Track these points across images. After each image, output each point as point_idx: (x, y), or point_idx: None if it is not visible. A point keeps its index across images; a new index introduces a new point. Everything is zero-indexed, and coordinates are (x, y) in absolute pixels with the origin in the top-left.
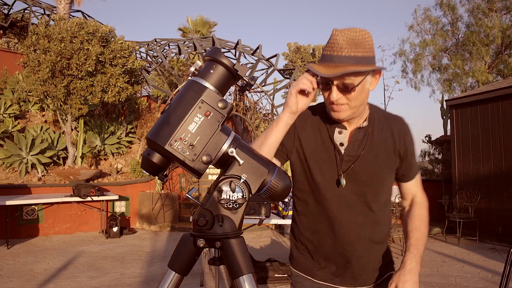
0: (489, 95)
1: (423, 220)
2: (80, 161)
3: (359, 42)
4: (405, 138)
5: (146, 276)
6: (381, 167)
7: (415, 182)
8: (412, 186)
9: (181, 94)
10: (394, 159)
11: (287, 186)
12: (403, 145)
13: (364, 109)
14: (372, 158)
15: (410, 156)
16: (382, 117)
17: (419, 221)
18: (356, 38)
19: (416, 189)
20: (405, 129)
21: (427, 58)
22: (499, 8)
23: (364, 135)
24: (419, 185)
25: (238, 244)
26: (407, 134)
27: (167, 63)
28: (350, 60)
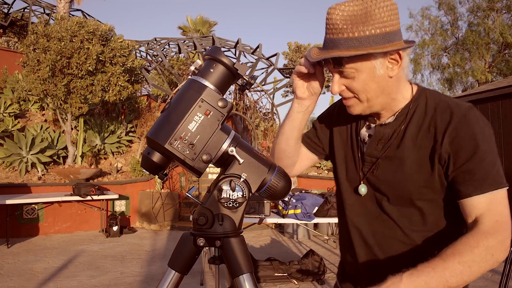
0: (489, 94)
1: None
2: (80, 160)
3: (362, 18)
4: (456, 133)
5: (146, 275)
6: (407, 176)
7: (483, 201)
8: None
9: (181, 93)
10: (432, 166)
11: (287, 185)
12: (449, 144)
13: (393, 99)
14: (397, 163)
15: (466, 159)
16: (432, 108)
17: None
18: (357, 13)
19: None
20: (458, 121)
21: (426, 58)
22: (499, 8)
23: (393, 132)
24: (494, 209)
25: (238, 243)
26: (461, 128)
27: (167, 62)
28: (346, 44)
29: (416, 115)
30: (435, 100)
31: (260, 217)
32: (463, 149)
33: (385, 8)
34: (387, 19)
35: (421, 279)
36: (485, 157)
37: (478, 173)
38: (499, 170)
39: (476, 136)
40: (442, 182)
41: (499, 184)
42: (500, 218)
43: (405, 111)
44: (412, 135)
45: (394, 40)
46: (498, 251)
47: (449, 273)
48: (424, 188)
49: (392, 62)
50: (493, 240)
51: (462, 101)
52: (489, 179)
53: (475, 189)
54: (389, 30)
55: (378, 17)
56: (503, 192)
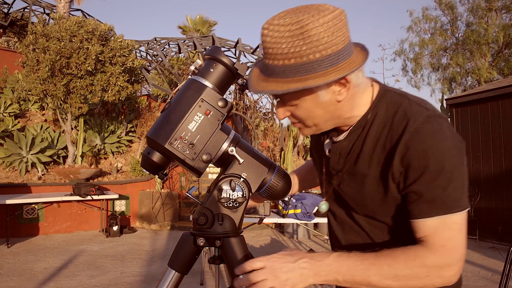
0: (489, 94)
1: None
2: (80, 160)
3: (299, 39)
4: (406, 149)
5: (146, 275)
6: (367, 194)
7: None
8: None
9: (181, 93)
10: (388, 184)
11: (286, 185)
12: (400, 161)
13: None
14: (357, 180)
15: (414, 179)
16: (391, 117)
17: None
18: (293, 33)
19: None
20: (410, 136)
21: (426, 57)
22: (498, 8)
23: (351, 146)
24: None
25: (238, 243)
26: (411, 143)
27: (167, 62)
28: (282, 73)
29: (374, 126)
30: (394, 108)
31: (260, 217)
32: (412, 168)
33: (325, 26)
34: (327, 39)
35: (346, 263)
36: (437, 177)
37: (426, 196)
38: (454, 191)
39: (426, 154)
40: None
41: (450, 208)
42: (447, 244)
43: (363, 122)
44: (369, 150)
45: (339, 62)
46: (435, 275)
47: (374, 269)
48: (385, 207)
49: (339, 86)
50: (433, 261)
51: (422, 106)
52: (437, 202)
53: (421, 212)
54: (331, 52)
55: (316, 38)
56: (456, 217)
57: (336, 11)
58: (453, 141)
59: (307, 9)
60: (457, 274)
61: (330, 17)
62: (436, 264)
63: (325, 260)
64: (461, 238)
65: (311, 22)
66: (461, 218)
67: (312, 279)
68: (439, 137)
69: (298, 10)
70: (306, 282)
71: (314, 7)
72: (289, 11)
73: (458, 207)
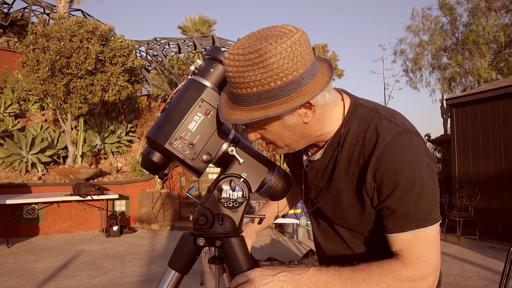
0: (489, 94)
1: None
2: (80, 160)
3: (259, 68)
4: (378, 166)
5: (146, 275)
6: (345, 209)
7: (404, 239)
8: (395, 243)
9: (181, 93)
10: (363, 199)
11: (287, 185)
12: (372, 177)
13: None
14: (335, 195)
15: (387, 195)
16: (363, 133)
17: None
18: (253, 62)
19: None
20: (381, 152)
21: (426, 58)
22: (498, 8)
23: (327, 162)
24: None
25: (238, 243)
26: (382, 160)
27: (167, 62)
28: (245, 100)
29: (347, 142)
30: (366, 123)
31: (260, 217)
32: (384, 184)
33: (283, 53)
34: (288, 66)
35: (324, 277)
36: (406, 194)
37: (398, 211)
38: (424, 206)
39: (396, 170)
40: (375, 214)
41: (423, 222)
42: (421, 257)
43: (336, 138)
44: (344, 165)
45: (302, 86)
46: (410, 287)
47: (351, 284)
48: (364, 221)
49: (304, 108)
50: (407, 274)
51: (393, 122)
52: (409, 217)
53: (395, 227)
54: (292, 78)
55: (276, 66)
56: (430, 230)
57: (296, 35)
58: (422, 156)
59: (267, 36)
60: (432, 286)
61: (288, 43)
62: (410, 277)
63: (304, 274)
64: (435, 250)
65: (269, 51)
66: (434, 231)
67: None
68: (409, 152)
69: (258, 37)
70: None
71: (275, 33)
72: (250, 37)
73: (430, 220)
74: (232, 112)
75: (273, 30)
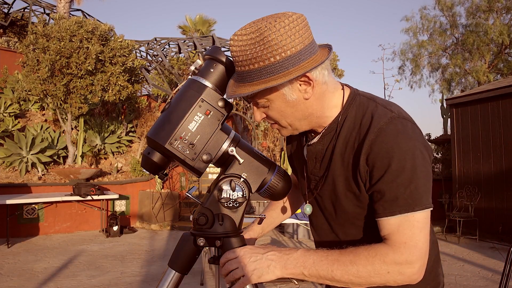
0: (489, 94)
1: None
2: (80, 160)
3: (260, 45)
4: (370, 150)
5: (146, 275)
6: (341, 196)
7: (392, 223)
8: (384, 227)
9: (181, 93)
10: (358, 184)
11: (287, 185)
12: (366, 161)
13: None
14: (331, 182)
15: (378, 178)
16: (359, 119)
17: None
18: (254, 41)
19: (395, 233)
20: (374, 136)
21: (426, 58)
22: (499, 8)
23: (324, 149)
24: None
25: (238, 243)
26: (375, 143)
27: (167, 62)
28: (249, 77)
29: (345, 129)
30: (363, 110)
31: (260, 217)
32: (376, 167)
33: (282, 31)
34: (286, 42)
35: (311, 258)
36: (396, 177)
37: (387, 194)
38: (416, 190)
39: (389, 153)
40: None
41: (412, 207)
42: (408, 241)
43: (334, 125)
44: (341, 152)
45: (300, 62)
46: (396, 271)
47: (338, 265)
48: (358, 208)
49: (303, 85)
50: (393, 258)
51: (388, 108)
52: (399, 201)
53: (384, 211)
54: (290, 54)
55: (275, 42)
56: (419, 216)
57: (294, 15)
58: (416, 142)
59: (268, 18)
60: (419, 272)
61: (286, 22)
62: (396, 261)
63: (292, 254)
64: (423, 237)
65: (268, 29)
66: (424, 217)
67: (279, 271)
68: (402, 137)
69: (259, 20)
70: (273, 274)
71: (275, 16)
72: (252, 22)
73: (420, 205)
74: (236, 89)
75: (276, 14)
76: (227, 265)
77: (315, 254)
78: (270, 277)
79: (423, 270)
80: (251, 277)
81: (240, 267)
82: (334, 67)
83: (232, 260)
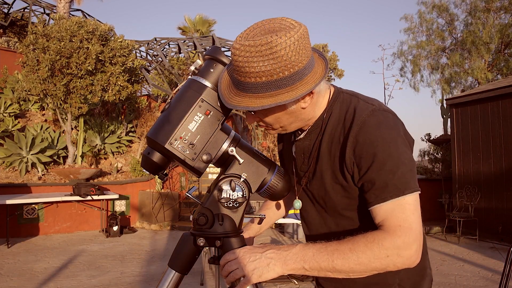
0: (489, 94)
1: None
2: (80, 160)
3: (269, 60)
4: (356, 141)
5: (146, 275)
6: (329, 189)
7: (385, 209)
8: (377, 214)
9: (181, 93)
10: (344, 177)
11: (287, 185)
12: (352, 153)
13: (310, 119)
14: (319, 177)
15: (366, 169)
16: (343, 114)
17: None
18: (263, 53)
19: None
20: (358, 129)
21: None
22: (497, 8)
23: (312, 145)
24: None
25: (238, 243)
26: (359, 135)
27: (167, 62)
28: (253, 89)
29: (330, 124)
30: (346, 106)
31: (260, 217)
32: (362, 158)
33: (292, 47)
34: (295, 58)
35: (311, 251)
36: (383, 165)
37: (377, 182)
38: (403, 175)
39: (373, 143)
40: (357, 192)
41: (402, 191)
42: (403, 224)
43: (319, 122)
44: (327, 146)
45: (305, 76)
46: (395, 254)
47: (338, 254)
48: (346, 199)
49: (306, 97)
50: (390, 241)
51: (369, 103)
52: (389, 187)
53: (376, 199)
54: (297, 69)
55: (285, 58)
56: (409, 199)
57: (301, 29)
58: (399, 131)
59: (274, 28)
60: (416, 254)
61: (296, 37)
62: (394, 244)
63: (291, 249)
64: (416, 218)
65: (279, 44)
66: (414, 200)
67: (280, 268)
68: (384, 127)
69: (264, 30)
70: (273, 272)
71: (281, 27)
72: (255, 29)
73: (409, 189)
74: (240, 99)
75: (277, 23)
76: (227, 266)
77: (313, 247)
78: (271, 275)
79: (420, 252)
80: (252, 276)
81: (240, 267)
82: (334, 67)
83: (232, 261)
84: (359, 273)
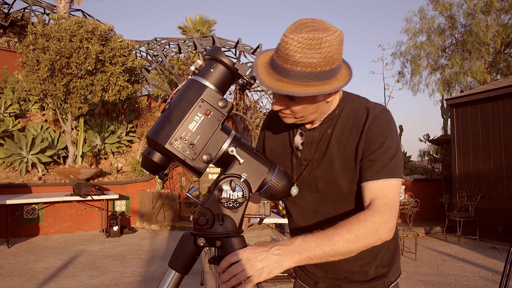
0: (489, 94)
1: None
2: (81, 160)
3: (317, 54)
4: (370, 130)
5: (146, 275)
6: (337, 173)
7: (378, 186)
8: (370, 189)
9: (181, 93)
10: (356, 160)
11: (287, 185)
12: (365, 138)
13: (324, 112)
14: (328, 163)
15: (373, 151)
16: (354, 112)
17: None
18: (313, 47)
19: (379, 195)
20: (372, 120)
21: (425, 59)
22: (497, 9)
23: (321, 136)
24: (385, 193)
25: (239, 243)
26: (373, 126)
27: (167, 62)
28: (297, 76)
29: (341, 119)
30: (356, 105)
31: (260, 217)
32: (373, 143)
33: (336, 46)
34: (337, 55)
35: (312, 240)
36: (387, 151)
37: (378, 163)
38: (396, 163)
39: (383, 134)
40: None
41: (393, 174)
42: (389, 202)
43: (332, 116)
44: (337, 137)
45: (337, 73)
46: (382, 228)
47: (337, 237)
48: (353, 182)
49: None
50: (380, 217)
51: (378, 104)
52: (385, 169)
53: (372, 175)
54: (335, 66)
55: (330, 55)
56: (396, 182)
57: (341, 33)
58: (396, 128)
59: (321, 28)
60: (392, 230)
61: (339, 38)
62: (382, 219)
63: (293, 242)
64: (398, 199)
65: (327, 41)
66: (399, 185)
67: (288, 262)
68: (391, 124)
69: (313, 27)
70: (282, 267)
71: (326, 27)
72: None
73: (397, 174)
74: (282, 84)
75: (320, 24)
76: (231, 269)
77: (313, 236)
78: (279, 271)
79: (393, 231)
80: (261, 275)
81: (245, 269)
82: None
83: (237, 264)
84: (355, 251)
